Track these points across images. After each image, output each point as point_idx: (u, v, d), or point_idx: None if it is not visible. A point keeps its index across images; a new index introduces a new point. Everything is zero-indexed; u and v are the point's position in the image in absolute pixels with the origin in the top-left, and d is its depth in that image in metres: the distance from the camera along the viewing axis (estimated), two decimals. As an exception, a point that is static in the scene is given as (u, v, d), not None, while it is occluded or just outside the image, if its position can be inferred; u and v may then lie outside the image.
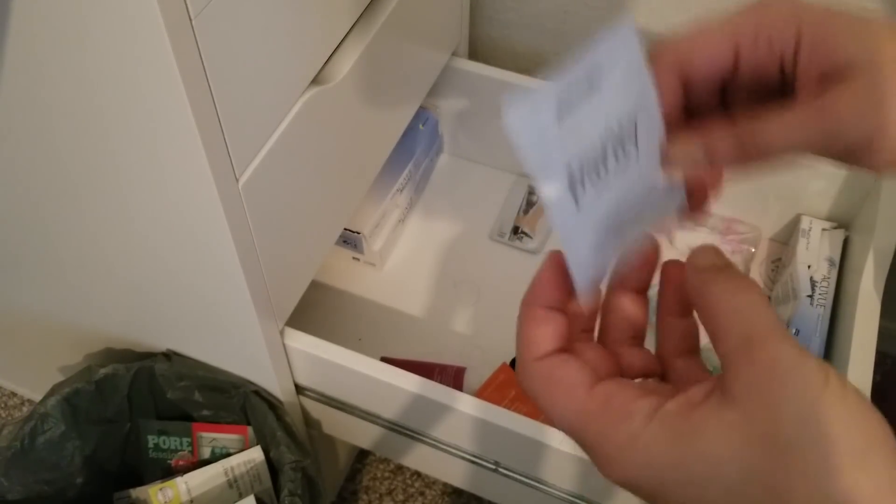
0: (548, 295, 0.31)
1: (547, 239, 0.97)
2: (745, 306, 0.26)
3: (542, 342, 0.30)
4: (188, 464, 0.81)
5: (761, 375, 0.24)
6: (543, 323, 0.30)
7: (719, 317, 0.27)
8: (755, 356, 0.25)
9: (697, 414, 0.26)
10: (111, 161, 0.55)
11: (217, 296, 0.65)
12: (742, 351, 0.25)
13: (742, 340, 0.25)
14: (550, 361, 0.29)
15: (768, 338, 0.25)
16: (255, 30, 0.51)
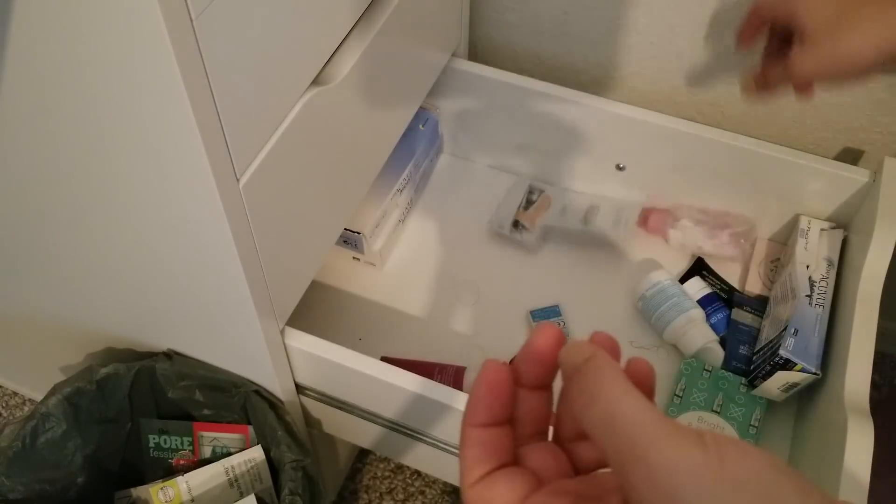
0: (483, 411, 0.30)
1: (545, 237, 0.98)
2: (621, 412, 0.25)
3: (474, 467, 0.29)
4: (189, 463, 0.81)
5: (655, 492, 0.23)
6: (476, 445, 0.29)
7: (591, 434, 0.26)
8: (631, 478, 0.24)
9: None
10: (112, 161, 0.55)
11: (218, 295, 0.65)
12: (629, 466, 0.24)
13: (618, 459, 0.24)
14: (481, 486, 0.28)
15: (639, 457, 0.24)
16: (255, 30, 0.51)
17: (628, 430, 0.24)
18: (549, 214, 0.98)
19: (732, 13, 0.88)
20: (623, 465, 0.24)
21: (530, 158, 1.02)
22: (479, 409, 0.30)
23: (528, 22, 0.99)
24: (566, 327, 0.90)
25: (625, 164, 0.96)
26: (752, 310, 0.88)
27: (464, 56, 0.98)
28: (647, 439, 0.24)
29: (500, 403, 0.30)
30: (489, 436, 0.29)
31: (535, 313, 0.91)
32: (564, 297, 0.93)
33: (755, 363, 0.82)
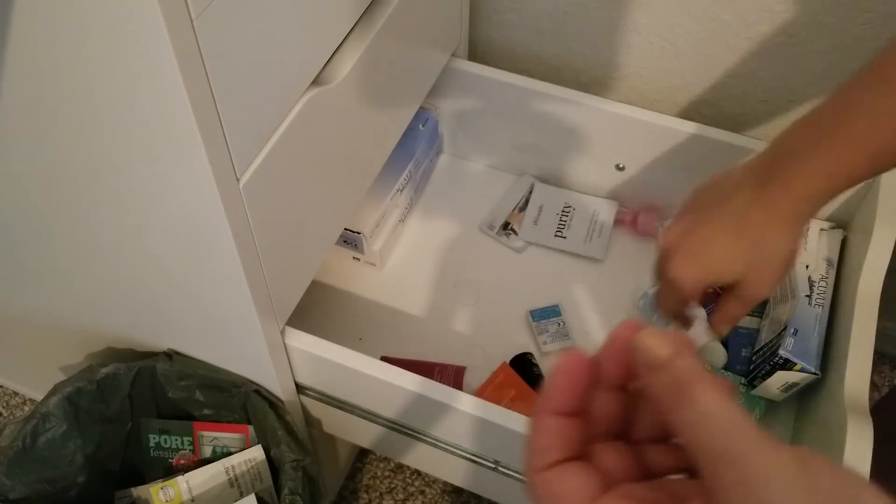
0: (560, 400, 0.29)
1: (528, 244, 0.98)
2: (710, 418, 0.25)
3: (545, 452, 0.28)
4: (189, 463, 0.81)
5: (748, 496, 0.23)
6: (550, 432, 0.29)
7: (683, 433, 0.25)
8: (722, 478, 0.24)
9: None
10: (112, 161, 0.55)
11: (218, 296, 0.65)
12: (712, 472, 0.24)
13: (711, 459, 0.24)
14: (552, 474, 0.28)
15: (736, 457, 0.24)
16: (256, 31, 0.51)
17: (725, 433, 0.24)
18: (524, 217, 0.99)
19: (732, 13, 0.88)
20: (716, 467, 0.24)
21: (530, 158, 1.02)
22: (555, 397, 0.29)
23: (528, 22, 0.99)
24: (566, 327, 0.90)
25: (625, 164, 0.96)
26: (750, 311, 0.88)
27: (464, 56, 0.98)
28: (745, 444, 0.24)
29: (576, 394, 0.29)
30: (561, 425, 0.29)
31: (535, 313, 0.91)
32: (564, 297, 0.93)
33: (755, 363, 0.82)
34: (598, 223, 0.99)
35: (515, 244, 0.98)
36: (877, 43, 0.85)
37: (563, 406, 0.29)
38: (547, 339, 0.89)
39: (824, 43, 0.87)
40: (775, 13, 0.86)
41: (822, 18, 0.85)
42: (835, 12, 0.84)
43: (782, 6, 0.85)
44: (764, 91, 0.94)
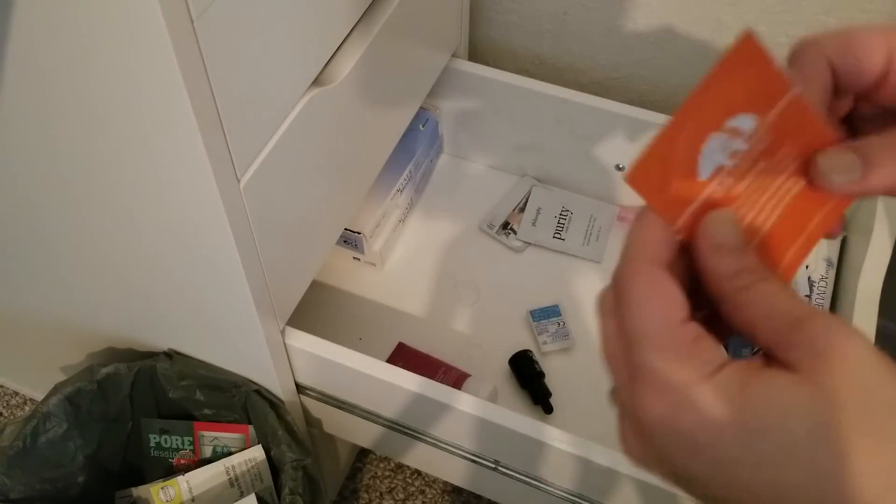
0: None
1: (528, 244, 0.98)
2: (782, 293, 0.26)
3: (660, 248, 0.28)
4: (189, 462, 0.81)
5: (823, 345, 0.25)
6: (664, 231, 0.28)
7: (757, 307, 0.27)
8: (811, 328, 0.25)
9: (765, 373, 0.25)
10: (112, 161, 0.55)
11: (218, 296, 0.65)
12: (794, 328, 0.25)
13: (790, 320, 0.26)
14: (664, 271, 0.28)
15: (816, 314, 0.25)
16: (256, 31, 0.51)
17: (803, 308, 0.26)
18: (524, 217, 0.99)
19: (732, 14, 0.88)
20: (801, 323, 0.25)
21: (530, 158, 1.02)
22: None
23: (528, 22, 0.99)
24: (566, 327, 0.90)
25: (624, 165, 0.96)
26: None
27: (464, 56, 0.98)
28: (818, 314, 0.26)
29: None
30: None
31: (535, 313, 0.91)
32: (564, 297, 0.93)
33: (755, 363, 0.82)
34: (596, 226, 0.99)
35: (515, 244, 0.98)
36: (877, 43, 0.85)
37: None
38: (547, 339, 0.89)
39: (824, 43, 0.87)
40: (775, 13, 0.86)
41: (822, 18, 0.85)
42: (835, 12, 0.84)
43: (782, 7, 0.85)
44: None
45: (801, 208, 0.31)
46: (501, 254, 0.98)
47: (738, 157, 0.30)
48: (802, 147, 0.30)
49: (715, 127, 0.29)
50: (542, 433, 0.67)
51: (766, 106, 0.30)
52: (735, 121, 0.29)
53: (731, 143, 0.29)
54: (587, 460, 0.66)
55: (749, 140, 0.30)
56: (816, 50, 0.30)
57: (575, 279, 0.95)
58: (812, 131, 0.30)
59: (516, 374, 0.87)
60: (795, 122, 0.30)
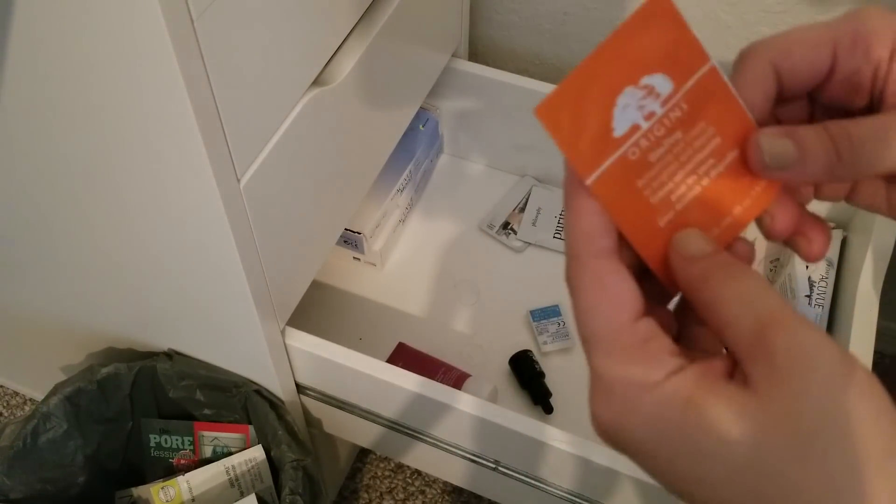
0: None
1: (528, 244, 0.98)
2: (751, 292, 0.25)
3: (601, 237, 0.27)
4: (190, 463, 0.81)
5: (781, 363, 0.23)
6: (600, 218, 0.27)
7: (723, 308, 0.25)
8: (772, 343, 0.24)
9: (716, 387, 0.24)
10: (112, 161, 0.55)
11: (218, 295, 0.65)
12: (757, 338, 0.24)
13: (755, 327, 0.24)
14: (609, 264, 0.27)
15: (784, 322, 0.24)
16: (256, 31, 0.51)
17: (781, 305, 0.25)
18: (524, 217, 0.99)
19: (733, 14, 0.88)
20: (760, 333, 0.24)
21: (530, 158, 1.02)
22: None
23: (528, 22, 0.99)
24: (566, 327, 0.90)
25: (625, 165, 0.96)
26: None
27: (464, 56, 0.98)
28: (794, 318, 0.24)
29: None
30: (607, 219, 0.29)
31: (535, 313, 0.91)
32: (564, 297, 0.92)
33: (755, 363, 0.82)
34: None
35: (515, 244, 0.98)
36: (877, 43, 0.85)
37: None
38: (547, 339, 0.89)
39: (824, 43, 0.87)
40: (775, 14, 0.86)
41: (823, 19, 0.85)
42: (835, 13, 0.84)
43: (782, 7, 0.86)
44: (764, 91, 0.94)
45: (724, 191, 0.30)
46: (501, 254, 0.98)
47: (654, 120, 0.29)
48: (722, 127, 0.30)
49: (630, 80, 0.29)
50: (542, 433, 0.67)
51: (684, 72, 0.29)
52: (651, 79, 0.29)
53: (646, 101, 0.29)
54: (587, 460, 0.66)
55: (664, 104, 0.29)
56: (760, 55, 0.30)
57: (575, 279, 0.95)
58: (731, 113, 0.30)
59: (516, 374, 0.87)
60: (713, 98, 0.29)
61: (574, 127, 0.29)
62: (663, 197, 0.30)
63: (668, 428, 0.24)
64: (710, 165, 0.30)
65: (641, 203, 0.29)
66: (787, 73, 0.30)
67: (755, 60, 0.30)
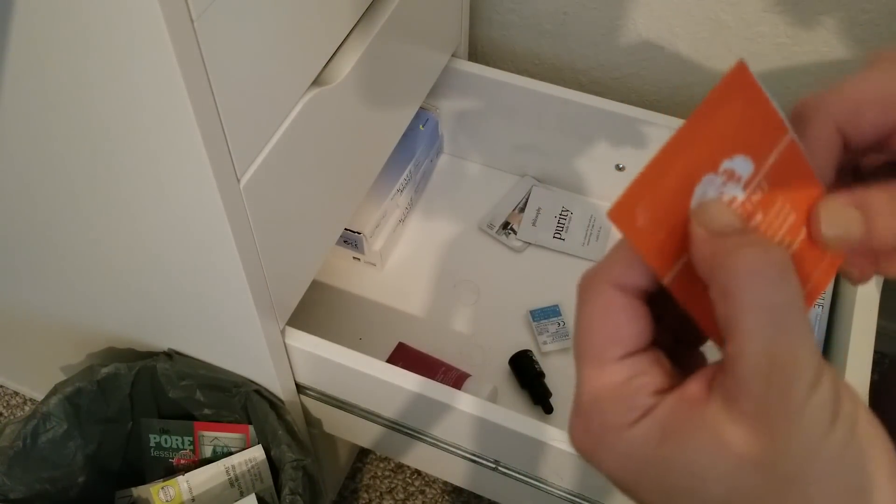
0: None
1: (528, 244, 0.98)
2: (776, 305, 0.23)
3: (628, 272, 0.26)
4: (190, 462, 0.81)
5: (775, 400, 0.22)
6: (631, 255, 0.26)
7: (740, 313, 0.23)
8: (774, 379, 0.22)
9: (694, 417, 0.23)
10: (113, 161, 0.55)
11: (218, 295, 0.65)
12: (761, 369, 0.22)
13: (764, 356, 0.22)
14: (623, 298, 0.26)
15: (794, 359, 0.22)
16: (256, 31, 0.51)
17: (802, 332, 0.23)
18: (524, 217, 0.99)
19: (732, 14, 0.88)
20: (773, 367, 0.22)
21: (530, 158, 1.02)
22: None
23: (528, 22, 0.99)
24: (566, 327, 0.90)
25: (625, 165, 0.96)
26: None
27: (464, 56, 0.98)
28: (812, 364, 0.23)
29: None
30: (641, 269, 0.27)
31: (535, 313, 0.91)
32: (564, 297, 0.93)
33: (755, 363, 0.82)
34: (596, 226, 0.99)
35: (515, 244, 0.98)
36: (876, 43, 0.85)
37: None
38: (547, 339, 0.89)
39: (825, 43, 0.87)
40: (775, 14, 0.86)
41: (822, 19, 0.85)
42: (835, 12, 0.84)
43: (782, 7, 0.86)
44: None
45: (801, 267, 0.28)
46: (501, 254, 0.98)
47: (736, 205, 0.27)
48: (796, 202, 0.28)
49: (710, 167, 0.26)
50: (542, 433, 0.67)
51: (764, 150, 0.27)
52: (732, 163, 0.27)
53: (726, 188, 0.27)
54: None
55: (746, 187, 0.27)
56: (825, 118, 0.28)
57: (575, 279, 0.95)
58: (806, 186, 0.28)
59: (516, 374, 0.87)
60: (791, 172, 0.27)
61: (651, 226, 0.26)
62: None
63: (640, 467, 0.24)
64: (787, 244, 0.28)
65: None
66: (856, 135, 0.28)
67: (820, 125, 0.28)
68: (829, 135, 0.28)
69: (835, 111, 0.28)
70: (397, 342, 0.88)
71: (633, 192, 0.26)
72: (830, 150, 0.28)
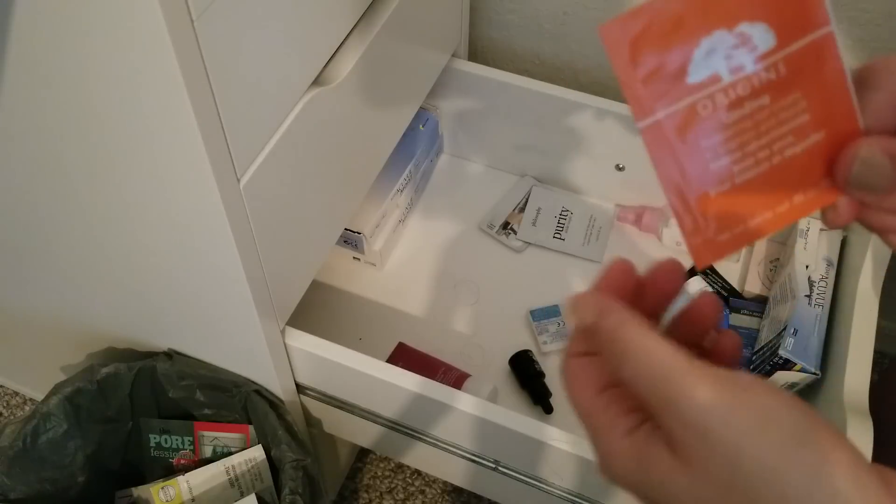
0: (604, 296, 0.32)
1: (528, 244, 0.98)
2: (648, 367, 0.27)
3: (577, 342, 0.32)
4: (190, 462, 0.81)
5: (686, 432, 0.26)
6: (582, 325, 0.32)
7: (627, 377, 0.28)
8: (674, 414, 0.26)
9: (658, 445, 0.28)
10: (112, 162, 0.55)
11: (218, 296, 0.65)
12: (662, 410, 0.27)
13: (660, 402, 0.27)
14: (577, 361, 0.32)
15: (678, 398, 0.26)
16: (256, 31, 0.51)
17: (658, 383, 0.27)
18: (524, 217, 0.99)
19: (732, 13, 0.88)
20: (659, 411, 0.27)
21: (530, 158, 1.02)
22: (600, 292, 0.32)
23: (528, 22, 0.99)
24: (566, 327, 0.90)
25: (624, 165, 0.96)
26: (749, 312, 0.88)
27: (464, 56, 0.98)
28: (677, 387, 0.26)
29: (619, 295, 0.31)
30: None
31: (535, 313, 0.91)
32: (564, 297, 0.93)
33: (755, 363, 0.82)
34: (596, 226, 0.99)
35: (515, 244, 0.98)
36: (877, 43, 0.85)
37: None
38: (547, 339, 0.89)
39: (824, 43, 0.87)
40: (775, 13, 0.86)
41: (822, 19, 0.85)
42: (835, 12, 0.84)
43: (782, 6, 0.85)
44: (764, 91, 0.94)
45: (792, 174, 0.27)
46: (501, 254, 0.98)
47: (740, 75, 0.25)
48: (817, 105, 0.26)
49: (724, 23, 0.25)
50: (542, 433, 0.67)
51: (794, 29, 0.25)
52: (751, 28, 0.25)
53: (736, 52, 0.25)
54: (587, 460, 0.66)
55: (759, 61, 0.25)
56: (886, 84, 0.27)
57: (575, 279, 0.95)
58: (834, 94, 0.26)
59: (516, 374, 0.87)
60: (820, 69, 0.25)
61: (641, 58, 0.25)
62: (725, 165, 0.27)
63: (632, 483, 0.29)
64: (788, 143, 0.27)
65: (698, 166, 0.27)
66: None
67: (882, 91, 0.27)
68: (888, 103, 0.27)
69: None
70: (397, 342, 0.88)
71: (631, 16, 0.24)
72: (889, 116, 0.28)
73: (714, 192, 0.27)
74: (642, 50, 0.25)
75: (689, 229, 0.28)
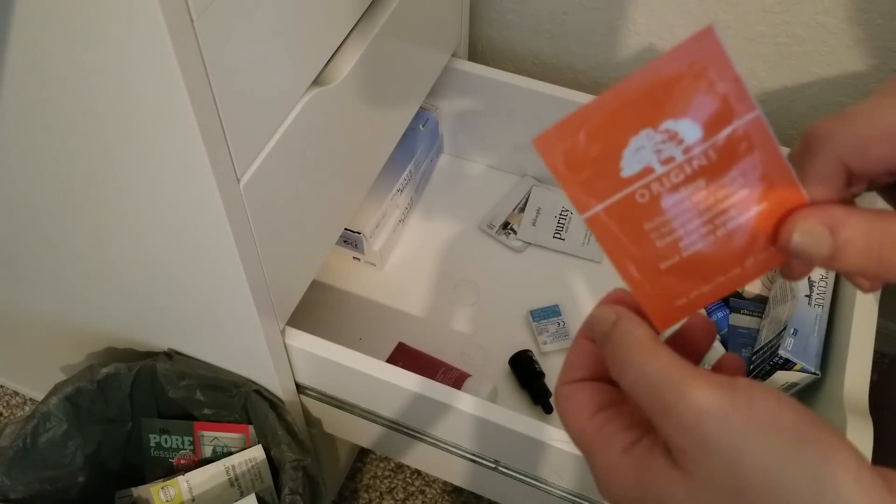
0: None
1: (528, 244, 0.98)
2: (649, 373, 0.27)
3: (570, 369, 0.33)
4: (190, 462, 0.81)
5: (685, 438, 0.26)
6: (580, 353, 0.33)
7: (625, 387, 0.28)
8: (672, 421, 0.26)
9: (657, 458, 0.28)
10: (112, 161, 0.55)
11: (218, 296, 0.65)
12: (660, 418, 0.27)
13: (658, 410, 0.27)
14: (571, 387, 0.32)
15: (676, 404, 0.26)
16: (256, 31, 0.51)
17: (658, 389, 0.27)
18: (524, 217, 0.99)
19: (732, 14, 0.88)
20: (657, 420, 0.27)
21: (530, 158, 1.02)
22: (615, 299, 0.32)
23: (528, 22, 0.99)
24: (566, 327, 0.90)
25: (625, 165, 0.96)
26: (749, 312, 0.88)
27: (464, 56, 0.98)
28: (676, 392, 0.26)
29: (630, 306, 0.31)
30: (593, 349, 0.32)
31: (535, 313, 0.91)
32: (564, 297, 0.93)
33: (755, 363, 0.82)
34: None
35: (515, 244, 0.98)
36: (876, 43, 0.85)
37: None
38: (547, 339, 0.89)
39: (824, 43, 0.87)
40: (775, 14, 0.86)
41: (822, 18, 0.85)
42: (835, 12, 0.84)
43: (781, 7, 0.86)
44: (764, 91, 0.94)
45: (739, 243, 0.28)
46: (501, 254, 0.98)
47: (671, 166, 0.27)
48: (757, 181, 0.28)
49: (649, 123, 0.27)
50: (542, 433, 0.67)
51: (720, 120, 0.27)
52: (676, 124, 0.27)
53: (665, 146, 0.27)
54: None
55: (687, 152, 0.27)
56: (830, 151, 0.28)
57: (575, 279, 0.95)
58: (772, 166, 0.28)
59: (516, 374, 0.87)
60: (750, 150, 0.27)
61: (574, 161, 0.28)
62: (671, 242, 0.29)
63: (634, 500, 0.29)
64: (730, 217, 0.28)
65: (644, 245, 0.29)
66: (859, 169, 0.28)
67: (824, 157, 0.28)
68: (832, 168, 0.28)
69: (841, 146, 0.28)
70: (397, 342, 0.88)
71: (560, 128, 0.28)
72: (832, 181, 0.28)
73: (664, 266, 0.29)
74: (575, 154, 0.28)
75: (645, 296, 0.30)
